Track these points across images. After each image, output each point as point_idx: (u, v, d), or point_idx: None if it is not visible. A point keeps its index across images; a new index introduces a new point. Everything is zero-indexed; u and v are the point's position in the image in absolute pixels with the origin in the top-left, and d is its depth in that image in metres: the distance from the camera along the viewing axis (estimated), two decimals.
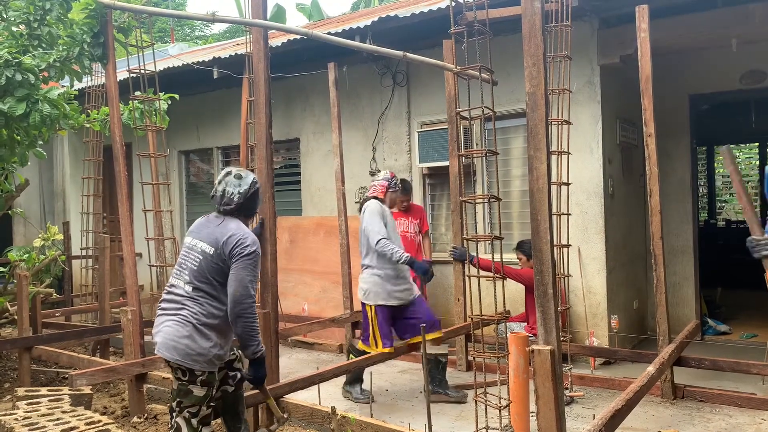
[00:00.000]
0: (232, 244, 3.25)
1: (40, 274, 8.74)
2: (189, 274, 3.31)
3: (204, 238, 3.34)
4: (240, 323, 3.20)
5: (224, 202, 3.38)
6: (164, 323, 3.29)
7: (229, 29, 20.21)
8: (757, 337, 6.69)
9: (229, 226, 3.32)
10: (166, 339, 3.24)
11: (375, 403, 4.87)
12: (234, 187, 3.38)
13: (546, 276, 2.67)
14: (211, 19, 4.47)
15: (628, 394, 3.51)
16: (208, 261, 3.27)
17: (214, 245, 3.27)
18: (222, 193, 3.39)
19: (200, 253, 3.30)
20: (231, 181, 3.39)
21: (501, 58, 5.49)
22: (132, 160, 8.20)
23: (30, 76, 4.94)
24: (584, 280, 6.06)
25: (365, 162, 7.61)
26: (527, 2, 2.70)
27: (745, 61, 6.62)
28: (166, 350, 3.24)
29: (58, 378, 6.06)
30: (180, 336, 3.21)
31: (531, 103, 2.70)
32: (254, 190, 3.42)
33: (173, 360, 3.22)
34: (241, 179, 3.40)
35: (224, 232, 3.29)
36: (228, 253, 3.24)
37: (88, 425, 4.04)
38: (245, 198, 3.38)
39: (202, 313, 3.24)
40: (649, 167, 4.91)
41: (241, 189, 3.38)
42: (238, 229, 3.31)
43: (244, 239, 3.26)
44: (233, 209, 3.38)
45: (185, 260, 3.36)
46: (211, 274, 3.27)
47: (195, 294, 3.28)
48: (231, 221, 3.36)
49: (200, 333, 3.21)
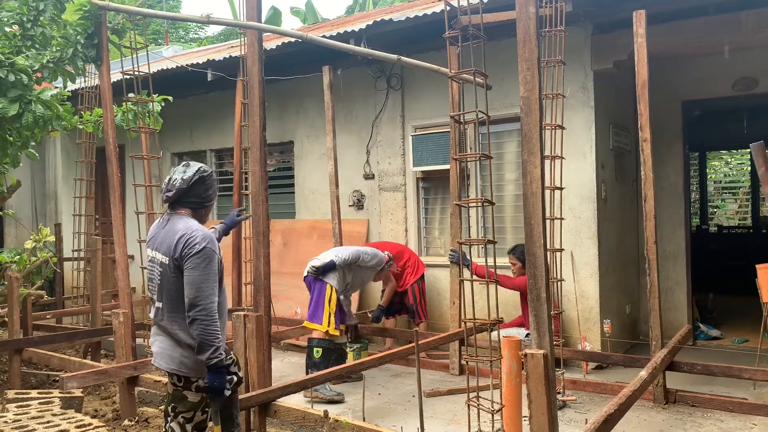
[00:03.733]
0: (181, 246, 3.01)
1: (32, 276, 8.71)
2: (158, 291, 3.15)
3: (158, 247, 3.13)
4: (195, 327, 2.96)
5: (167, 189, 3.13)
6: (157, 335, 3.23)
7: (224, 32, 20.20)
8: (748, 342, 6.72)
9: (177, 227, 3.07)
10: (161, 350, 3.18)
11: (368, 406, 4.85)
12: (178, 173, 3.13)
13: (539, 280, 2.67)
14: (206, 21, 4.46)
15: (621, 398, 3.51)
16: (167, 274, 3.08)
17: (167, 253, 3.05)
18: (167, 181, 3.16)
19: (159, 264, 3.11)
20: (177, 169, 3.17)
21: (495, 62, 5.51)
22: (125, 161, 8.17)
23: (23, 76, 4.92)
24: (577, 284, 6.07)
25: (359, 165, 7.61)
26: (522, 7, 2.71)
27: (737, 68, 6.67)
28: (162, 360, 3.17)
29: (49, 381, 6.03)
30: (173, 348, 3.14)
31: (525, 107, 2.71)
32: (198, 177, 3.12)
33: (169, 369, 3.16)
34: (188, 167, 3.16)
35: (172, 235, 3.05)
36: (179, 256, 3.02)
37: (78, 428, 4.02)
38: (187, 184, 3.09)
39: (180, 330, 3.10)
40: (644, 172, 4.93)
41: (185, 175, 3.11)
42: (185, 228, 3.05)
43: (192, 237, 3.00)
44: (173, 196, 3.10)
45: (150, 273, 3.19)
46: (173, 289, 3.07)
47: (168, 310, 3.14)
48: (178, 220, 3.11)
49: (189, 348, 3.10)
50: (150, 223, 6.37)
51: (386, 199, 7.39)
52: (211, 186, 3.21)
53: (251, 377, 4.09)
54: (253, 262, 4.41)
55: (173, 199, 3.11)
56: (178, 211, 3.15)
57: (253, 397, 3.90)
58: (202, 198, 3.17)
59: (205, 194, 3.18)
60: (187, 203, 3.14)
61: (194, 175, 3.12)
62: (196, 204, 3.16)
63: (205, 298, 2.98)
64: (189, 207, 3.15)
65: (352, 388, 5.46)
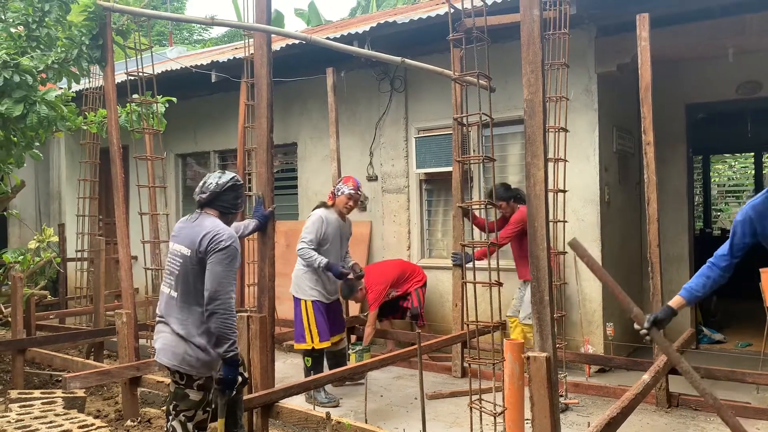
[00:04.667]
0: (207, 240, 3.17)
1: (35, 276, 8.73)
2: (174, 280, 3.28)
3: (182, 240, 3.28)
4: (214, 320, 3.12)
5: (201, 190, 3.37)
6: (161, 331, 3.30)
7: (228, 33, 20.22)
8: (751, 346, 6.70)
9: (204, 224, 3.26)
10: (165, 345, 3.24)
11: (370, 408, 4.85)
12: (214, 178, 3.39)
13: (542, 283, 2.67)
14: (210, 22, 4.47)
15: (623, 402, 3.51)
16: (187, 265, 3.22)
17: (191, 246, 3.21)
18: (201, 183, 3.41)
19: (180, 257, 3.25)
20: (214, 174, 3.42)
21: (499, 65, 5.51)
22: (129, 162, 8.19)
23: (28, 77, 4.93)
24: (580, 287, 6.07)
25: (362, 167, 7.61)
26: (526, 10, 2.71)
27: (741, 72, 6.66)
28: (164, 356, 3.24)
29: (52, 381, 6.04)
30: (176, 344, 3.20)
31: (529, 109, 2.71)
32: (231, 184, 3.37)
33: (171, 365, 3.21)
34: (223, 174, 3.42)
35: (199, 231, 3.23)
36: (204, 250, 3.17)
37: (80, 428, 4.03)
38: (221, 188, 3.34)
39: (192, 320, 3.20)
40: (647, 175, 4.92)
41: (220, 180, 3.37)
42: (213, 226, 3.24)
43: (219, 234, 3.19)
44: (207, 198, 3.34)
45: (170, 265, 3.32)
46: (193, 280, 3.20)
47: (182, 301, 3.24)
48: (206, 218, 3.30)
49: (193, 344, 3.18)
50: (154, 223, 6.40)
51: (389, 201, 7.39)
52: (240, 195, 3.45)
53: (254, 378, 4.09)
54: (257, 263, 4.41)
55: (205, 201, 3.34)
56: (208, 211, 3.35)
57: (256, 398, 3.90)
58: (231, 204, 3.40)
59: (234, 201, 3.41)
60: (218, 206, 3.36)
61: (228, 182, 3.36)
62: (225, 208, 3.38)
63: (225, 293, 3.14)
64: (218, 210, 3.36)
65: (354, 390, 5.46)
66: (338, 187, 5.39)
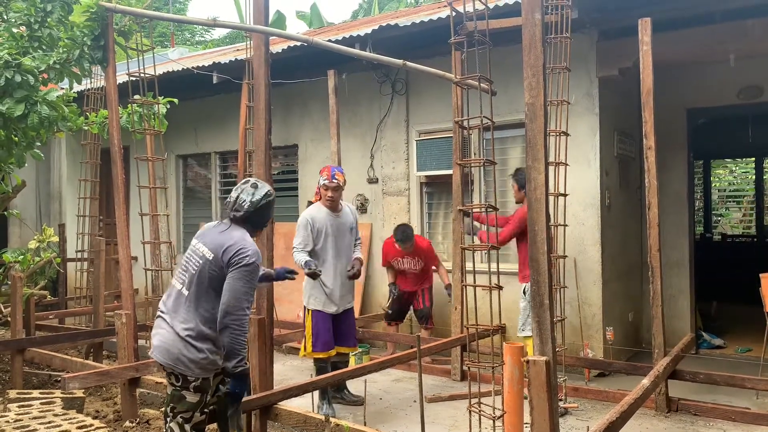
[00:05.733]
0: (232, 252, 3.18)
1: (35, 276, 8.73)
2: (188, 278, 3.29)
3: (207, 242, 3.29)
4: (227, 334, 3.13)
5: (235, 207, 3.34)
6: (160, 327, 3.30)
7: (230, 35, 20.25)
8: (751, 351, 6.69)
9: (233, 234, 3.26)
10: (161, 342, 3.25)
11: (369, 411, 4.85)
12: (247, 194, 3.35)
13: (542, 286, 2.67)
14: (212, 24, 4.48)
15: (623, 406, 3.50)
16: (207, 266, 3.23)
17: (215, 251, 3.22)
18: (235, 199, 3.36)
19: (201, 257, 3.27)
20: (246, 188, 3.36)
21: (500, 68, 5.51)
22: (129, 163, 8.20)
23: (29, 77, 4.94)
24: (580, 291, 6.06)
25: (363, 169, 7.61)
26: (528, 13, 2.71)
27: (742, 76, 6.66)
28: (159, 353, 3.24)
29: (51, 381, 6.03)
30: (173, 342, 3.21)
31: (530, 113, 2.71)
32: (266, 202, 3.36)
33: (166, 364, 3.22)
34: (256, 189, 3.37)
35: (227, 240, 3.23)
36: (227, 261, 3.18)
37: (79, 429, 4.02)
38: (255, 207, 3.33)
39: (196, 321, 3.21)
40: (648, 180, 4.92)
41: (254, 198, 3.33)
42: (241, 239, 3.24)
43: (245, 249, 3.19)
44: (241, 216, 3.33)
45: (187, 263, 3.33)
46: (209, 281, 3.23)
47: (191, 299, 3.26)
48: (236, 229, 3.31)
49: (191, 344, 3.19)
50: (154, 224, 6.40)
51: (390, 204, 7.39)
52: (273, 210, 3.47)
53: (253, 380, 4.08)
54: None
55: (239, 219, 3.32)
56: (239, 224, 3.33)
57: (255, 400, 3.90)
58: (263, 221, 3.42)
59: (266, 218, 3.43)
60: (249, 222, 3.35)
61: (262, 199, 3.34)
62: (256, 224, 3.39)
63: (241, 309, 3.14)
64: (249, 225, 3.36)
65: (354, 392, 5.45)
66: (319, 179, 5.15)
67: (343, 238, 5.11)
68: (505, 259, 6.13)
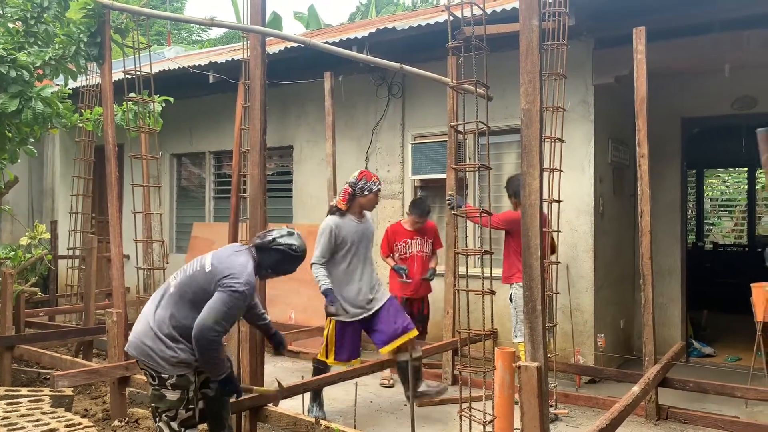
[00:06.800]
0: (225, 273, 3.21)
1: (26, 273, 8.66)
2: (180, 279, 3.34)
3: (215, 256, 3.35)
4: (199, 351, 3.19)
5: (261, 236, 3.44)
6: (139, 321, 3.36)
7: (226, 35, 20.23)
8: (741, 360, 6.71)
9: (239, 259, 3.29)
10: (135, 337, 3.31)
11: (359, 414, 4.84)
12: (279, 233, 3.43)
13: (535, 292, 2.67)
14: (209, 23, 4.47)
15: (613, 413, 3.51)
16: (200, 277, 3.27)
17: (214, 266, 3.26)
18: (268, 231, 3.47)
19: (201, 266, 3.31)
20: (283, 230, 3.46)
21: (497, 74, 5.51)
22: (123, 161, 8.16)
23: (24, 73, 4.91)
24: (572, 297, 6.07)
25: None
26: (525, 19, 2.72)
27: (737, 87, 6.70)
28: (131, 346, 3.31)
29: (40, 378, 5.99)
30: (145, 336, 3.26)
31: (526, 119, 2.71)
32: (287, 248, 3.38)
33: (139, 359, 3.29)
34: (291, 235, 3.43)
35: (230, 261, 3.27)
36: (217, 279, 3.21)
37: (67, 427, 3.99)
38: (276, 245, 3.37)
39: (168, 322, 3.25)
40: (640, 188, 4.94)
41: (280, 238, 3.39)
42: (243, 266, 3.25)
43: (239, 275, 3.20)
44: (260, 245, 3.39)
45: (192, 263, 3.40)
46: (193, 291, 3.26)
47: (173, 299, 3.30)
48: (246, 256, 3.34)
49: (162, 341, 3.23)
50: (147, 223, 6.38)
51: (384, 207, 7.39)
52: (284, 269, 3.45)
53: (243, 381, 4.07)
54: None
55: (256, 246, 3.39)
56: (255, 252, 3.39)
57: (245, 400, 3.88)
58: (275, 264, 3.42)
59: (280, 263, 3.42)
60: (263, 254, 3.39)
61: (286, 243, 3.38)
62: (268, 263, 3.40)
63: (213, 330, 3.14)
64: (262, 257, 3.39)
65: (344, 395, 5.43)
66: (362, 186, 4.76)
67: (368, 244, 4.92)
68: (498, 264, 6.13)
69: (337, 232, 4.74)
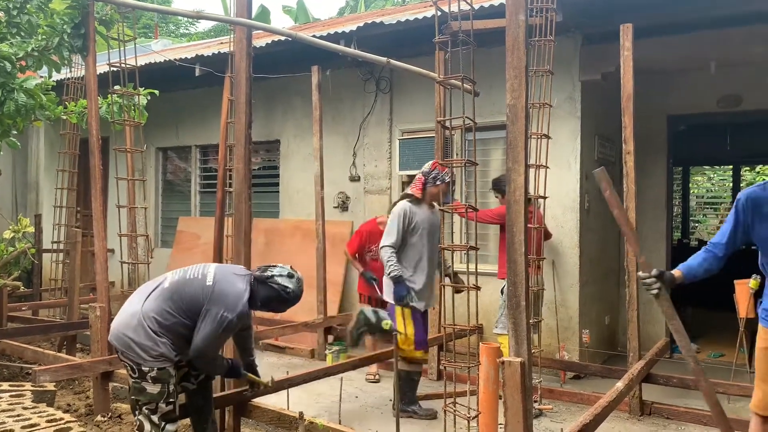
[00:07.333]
0: (220, 294, 3.25)
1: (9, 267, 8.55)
2: (179, 278, 3.37)
3: (218, 273, 3.36)
4: (200, 367, 3.46)
5: (263, 269, 3.45)
6: (122, 311, 3.37)
7: (214, 28, 20.11)
8: (724, 356, 6.78)
9: (238, 285, 3.32)
10: (116, 326, 3.33)
11: (344, 409, 4.83)
12: (279, 271, 3.43)
13: (519, 287, 2.67)
14: (196, 16, 4.42)
15: (597, 409, 3.53)
16: (198, 285, 3.30)
17: (214, 283, 3.29)
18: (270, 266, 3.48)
19: (203, 276, 3.34)
20: (286, 269, 3.46)
21: (484, 70, 5.51)
22: (108, 154, 8.07)
23: (6, 64, 4.85)
24: (557, 293, 6.09)
25: (345, 167, 7.59)
26: (512, 15, 2.71)
27: (722, 85, 6.74)
28: (114, 339, 3.32)
29: (22, 373, 5.93)
30: (126, 329, 3.26)
31: (511, 115, 2.70)
32: (280, 287, 3.40)
33: (118, 349, 3.30)
34: (291, 277, 3.44)
35: (230, 284, 3.30)
36: (210, 296, 3.25)
37: (49, 422, 3.96)
38: (271, 282, 3.39)
39: (158, 315, 3.26)
40: (626, 184, 4.96)
41: (278, 277, 3.40)
42: (239, 293, 3.29)
43: (235, 305, 3.24)
44: (259, 277, 3.41)
45: (194, 267, 3.43)
46: (189, 298, 3.28)
47: (166, 294, 3.31)
48: (245, 284, 3.36)
49: (146, 333, 3.24)
50: (131, 217, 6.32)
51: (371, 202, 7.38)
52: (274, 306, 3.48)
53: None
54: (233, 260, 4.37)
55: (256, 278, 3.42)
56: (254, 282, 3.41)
57: (229, 396, 3.87)
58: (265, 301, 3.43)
59: (269, 301, 3.43)
60: (259, 285, 3.41)
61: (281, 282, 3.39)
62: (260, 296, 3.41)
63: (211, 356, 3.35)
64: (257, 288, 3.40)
65: (329, 390, 5.43)
66: (434, 175, 4.74)
67: (436, 235, 4.88)
68: (484, 260, 6.15)
69: (411, 216, 4.73)
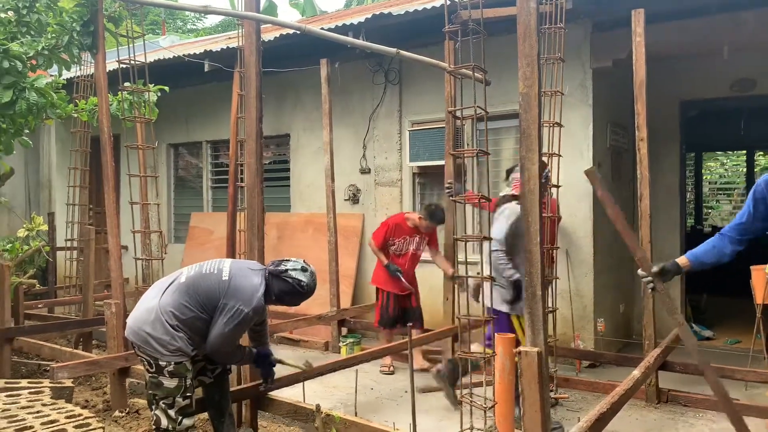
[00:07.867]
0: (235, 289, 3.27)
1: (24, 265, 8.66)
2: (196, 273, 3.38)
3: (234, 269, 3.38)
4: (217, 358, 3.47)
5: (277, 263, 3.47)
6: (138, 306, 3.39)
7: (222, 23, 20.11)
8: (740, 343, 6.73)
9: (253, 280, 3.34)
10: (133, 322, 3.34)
11: (360, 401, 4.84)
12: (293, 265, 3.44)
13: (535, 278, 2.65)
14: (204, 10, 4.41)
15: (613, 397, 3.51)
16: (215, 280, 3.31)
17: (230, 278, 3.31)
18: (285, 260, 3.49)
19: (219, 271, 3.35)
20: (300, 263, 3.47)
21: (495, 59, 5.46)
22: (120, 151, 8.13)
23: (17, 63, 4.87)
24: (572, 282, 6.07)
25: (355, 159, 7.58)
26: (522, 2, 2.68)
27: (735, 69, 6.66)
28: (130, 332, 3.34)
29: (40, 370, 5.99)
30: (143, 324, 3.28)
31: (524, 103, 2.68)
32: (294, 281, 3.41)
33: (135, 344, 3.31)
34: (304, 271, 3.45)
35: (248, 282, 3.32)
36: (225, 292, 3.26)
37: (68, 419, 3.98)
38: (285, 275, 3.40)
39: (175, 310, 3.27)
40: (640, 171, 4.92)
41: (292, 271, 3.42)
42: (254, 287, 3.31)
43: (250, 300, 3.26)
44: (273, 271, 3.42)
45: (210, 263, 3.45)
46: (205, 292, 3.30)
47: (183, 288, 3.32)
48: (260, 278, 3.38)
49: (163, 327, 3.25)
50: (144, 213, 6.35)
51: (382, 194, 7.37)
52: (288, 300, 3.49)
53: (243, 370, 4.07)
54: (246, 254, 4.37)
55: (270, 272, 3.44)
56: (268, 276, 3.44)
57: (246, 389, 3.89)
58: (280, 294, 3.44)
59: (284, 294, 3.45)
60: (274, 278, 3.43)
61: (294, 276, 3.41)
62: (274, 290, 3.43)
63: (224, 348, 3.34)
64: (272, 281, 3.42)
65: (344, 382, 5.42)
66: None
67: None
68: None
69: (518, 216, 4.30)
